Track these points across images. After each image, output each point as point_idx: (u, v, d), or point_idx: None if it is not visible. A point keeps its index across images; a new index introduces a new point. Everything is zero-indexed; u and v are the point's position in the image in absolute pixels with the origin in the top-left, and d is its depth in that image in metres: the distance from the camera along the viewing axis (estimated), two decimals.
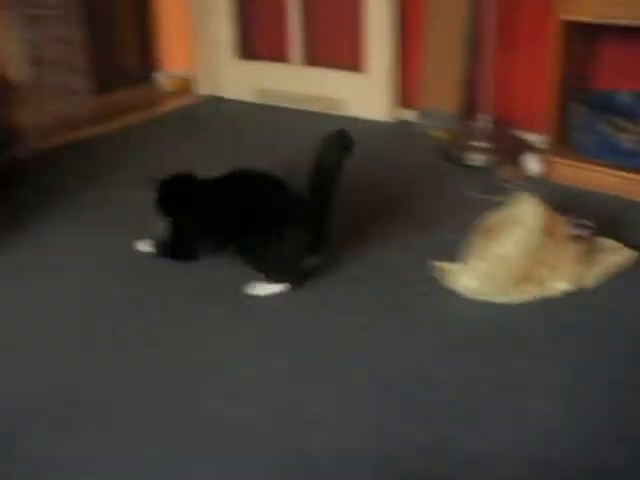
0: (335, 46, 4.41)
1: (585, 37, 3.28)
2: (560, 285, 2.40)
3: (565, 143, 3.30)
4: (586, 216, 2.62)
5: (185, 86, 5.18)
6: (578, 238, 2.51)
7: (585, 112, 3.18)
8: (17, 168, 3.53)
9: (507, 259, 2.38)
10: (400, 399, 1.93)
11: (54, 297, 2.49)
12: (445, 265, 2.50)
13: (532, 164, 3.35)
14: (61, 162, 3.77)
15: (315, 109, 4.43)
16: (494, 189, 3.12)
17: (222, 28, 4.73)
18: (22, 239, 2.89)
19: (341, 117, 4.29)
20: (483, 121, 3.56)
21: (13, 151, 3.56)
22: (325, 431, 1.82)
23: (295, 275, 2.45)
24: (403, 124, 4.12)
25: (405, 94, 4.16)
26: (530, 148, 3.52)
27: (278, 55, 4.60)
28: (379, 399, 1.94)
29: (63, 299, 2.48)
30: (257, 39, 4.75)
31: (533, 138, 3.61)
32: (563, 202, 2.74)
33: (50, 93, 4.90)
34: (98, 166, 3.70)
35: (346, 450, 1.76)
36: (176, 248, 2.64)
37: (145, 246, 2.71)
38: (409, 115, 4.13)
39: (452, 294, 2.41)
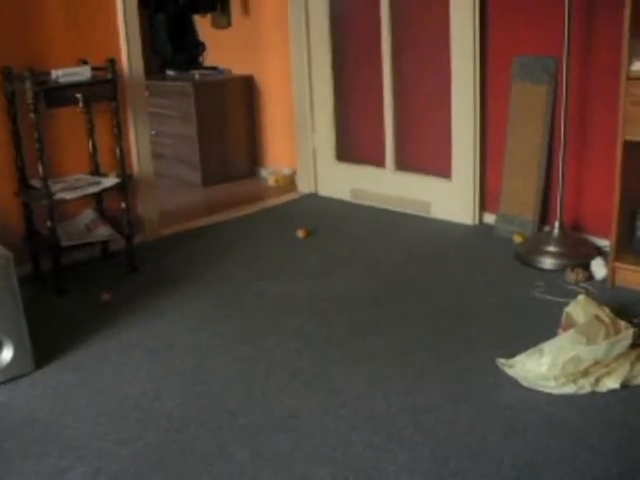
0: (424, 153, 4.84)
1: None
2: (611, 384, 2.68)
3: (629, 249, 3.57)
4: None
5: (288, 183, 5.68)
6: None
7: None
8: (138, 256, 4.06)
9: (574, 358, 2.68)
10: None
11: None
12: (510, 360, 2.83)
13: (598, 268, 3.65)
14: (174, 251, 4.35)
15: (403, 210, 4.84)
16: (560, 291, 3.45)
17: (323, 133, 5.26)
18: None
19: (427, 219, 4.69)
20: (555, 227, 3.89)
21: (135, 240, 4.07)
22: None
23: None
24: (484, 227, 4.49)
25: (487, 199, 4.53)
26: (598, 252, 3.81)
27: (373, 159, 5.05)
28: None
29: None
30: (355, 144, 5.22)
31: (602, 243, 3.90)
32: (624, 305, 3.02)
33: (165, 185, 5.50)
34: (208, 254, 4.26)
35: None
36: None
37: None
38: (490, 219, 4.48)
39: (515, 384, 2.73)
